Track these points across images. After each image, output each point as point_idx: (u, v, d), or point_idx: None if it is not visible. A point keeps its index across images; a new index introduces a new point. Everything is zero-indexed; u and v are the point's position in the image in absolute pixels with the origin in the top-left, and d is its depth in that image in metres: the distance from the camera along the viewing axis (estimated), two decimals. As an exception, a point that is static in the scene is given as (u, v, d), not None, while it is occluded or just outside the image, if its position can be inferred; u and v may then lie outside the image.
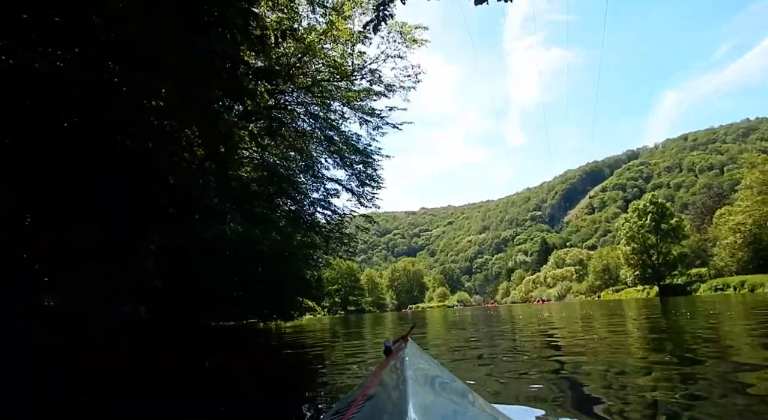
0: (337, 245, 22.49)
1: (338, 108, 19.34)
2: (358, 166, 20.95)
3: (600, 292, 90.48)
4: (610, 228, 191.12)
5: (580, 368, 4.67)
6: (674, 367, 4.42)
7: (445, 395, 1.54)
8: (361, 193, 21.58)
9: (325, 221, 21.38)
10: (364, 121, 19.80)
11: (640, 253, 66.07)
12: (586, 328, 10.77)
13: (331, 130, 19.71)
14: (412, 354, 1.99)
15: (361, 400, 1.41)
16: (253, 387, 4.96)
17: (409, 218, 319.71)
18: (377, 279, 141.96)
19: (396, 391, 1.35)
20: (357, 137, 20.33)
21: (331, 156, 20.80)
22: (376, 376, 1.71)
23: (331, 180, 21.39)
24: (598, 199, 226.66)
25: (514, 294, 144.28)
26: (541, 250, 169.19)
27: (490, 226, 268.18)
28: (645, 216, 64.56)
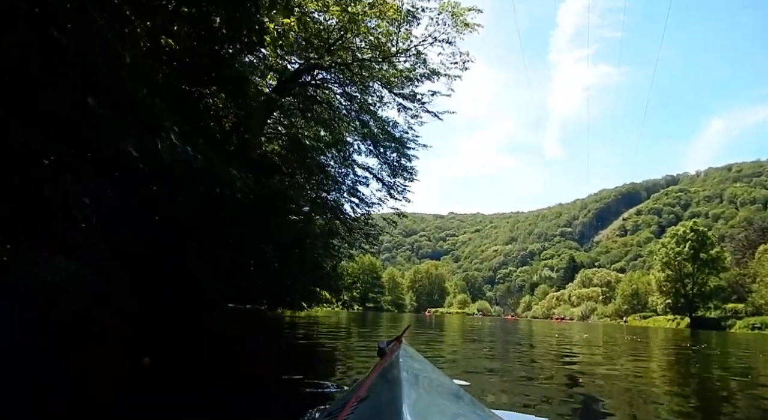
0: (361, 236, 21.56)
1: (377, 89, 18.33)
2: (391, 154, 19.89)
3: (626, 317, 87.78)
4: (642, 252, 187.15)
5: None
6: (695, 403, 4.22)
7: (439, 397, 1.53)
8: (392, 183, 20.53)
9: (351, 209, 20.50)
10: (403, 108, 18.71)
11: (674, 280, 63.66)
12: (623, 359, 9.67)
13: (366, 114, 18.78)
14: (406, 355, 1.98)
15: (354, 401, 1.42)
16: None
17: (436, 221, 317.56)
18: (399, 278, 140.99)
19: (390, 393, 1.34)
20: (393, 124, 19.34)
21: (363, 141, 19.86)
22: (369, 377, 1.73)
23: (362, 167, 20.43)
24: (632, 221, 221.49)
25: (536, 309, 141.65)
26: (568, 268, 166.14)
27: (518, 238, 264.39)
28: (684, 243, 62.13)
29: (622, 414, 3.45)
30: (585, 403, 3.67)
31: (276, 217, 12.64)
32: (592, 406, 3.58)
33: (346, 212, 20.18)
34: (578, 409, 3.42)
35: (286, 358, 6.45)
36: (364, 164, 20.33)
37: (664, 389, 4.71)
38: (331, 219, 19.75)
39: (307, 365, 5.71)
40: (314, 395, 3.97)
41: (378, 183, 20.54)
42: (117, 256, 9.39)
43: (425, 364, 2.19)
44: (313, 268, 17.20)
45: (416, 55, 17.42)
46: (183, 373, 4.99)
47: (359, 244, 22.10)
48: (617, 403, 3.86)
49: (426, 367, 2.12)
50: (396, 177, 20.36)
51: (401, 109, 18.80)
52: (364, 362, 5.93)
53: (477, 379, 4.85)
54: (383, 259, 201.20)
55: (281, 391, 4.28)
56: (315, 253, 17.34)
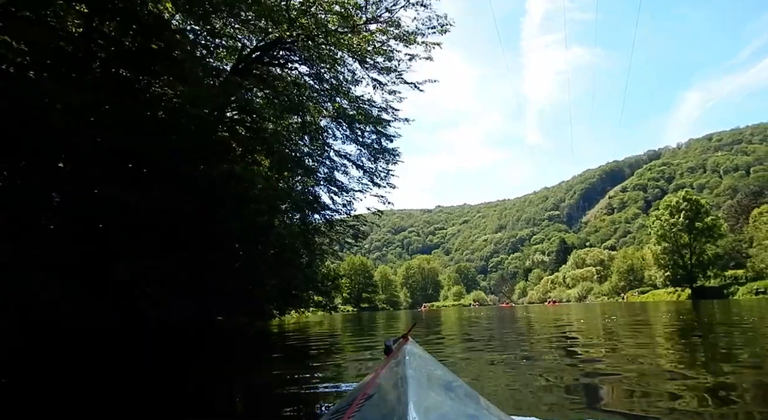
0: (345, 230, 19.66)
1: (348, 63, 16.44)
2: (370, 136, 18.09)
3: (624, 294, 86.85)
4: (631, 229, 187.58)
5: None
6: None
7: (447, 395, 1.50)
8: (373, 169, 18.72)
9: (330, 200, 18.59)
10: (378, 84, 16.90)
11: (671, 252, 62.65)
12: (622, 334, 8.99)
13: (339, 95, 16.94)
14: (413, 353, 1.93)
15: (361, 399, 1.40)
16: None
17: (424, 216, 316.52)
18: (391, 276, 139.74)
19: (396, 391, 1.32)
20: (369, 102, 17.53)
21: (338, 125, 18.04)
22: (376, 375, 1.71)
23: (339, 154, 18.64)
24: (618, 199, 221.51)
25: (532, 294, 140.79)
26: (559, 250, 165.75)
27: (507, 225, 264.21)
28: (678, 213, 61.00)
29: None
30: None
31: (233, 207, 10.73)
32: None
33: (325, 204, 18.22)
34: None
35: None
36: (341, 151, 18.51)
37: (673, 379, 3.98)
38: (307, 212, 17.79)
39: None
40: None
41: (358, 170, 18.71)
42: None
43: (432, 362, 2.10)
44: (286, 267, 15.19)
45: (388, 22, 15.62)
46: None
47: (343, 239, 20.15)
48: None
49: (433, 364, 2.03)
50: (377, 161, 18.55)
51: (376, 85, 16.99)
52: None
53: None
54: (374, 257, 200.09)
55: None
56: (288, 251, 15.38)
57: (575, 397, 3.52)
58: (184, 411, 3.77)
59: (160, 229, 9.48)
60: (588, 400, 3.39)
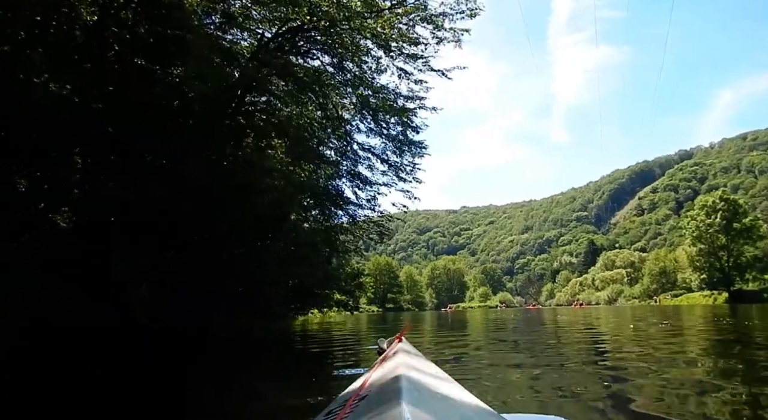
0: (368, 226, 18.89)
1: (372, 50, 15.68)
2: (395, 127, 17.35)
3: (656, 297, 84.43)
4: (662, 230, 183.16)
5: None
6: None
7: (439, 394, 1.53)
8: (399, 163, 17.99)
9: (353, 195, 17.83)
10: (404, 73, 16.14)
11: (707, 254, 60.34)
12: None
13: (362, 85, 16.20)
14: (406, 353, 2.02)
15: (354, 400, 1.43)
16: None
17: (449, 216, 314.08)
18: (416, 276, 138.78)
19: (390, 391, 1.35)
20: (395, 93, 16.75)
21: (362, 117, 17.32)
22: (369, 375, 1.74)
23: (363, 148, 17.91)
24: (648, 200, 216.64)
25: (560, 296, 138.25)
26: (588, 252, 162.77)
27: (533, 226, 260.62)
28: (714, 214, 58.73)
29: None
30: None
31: (238, 198, 10.04)
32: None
33: (348, 198, 17.50)
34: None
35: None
36: (364, 144, 17.78)
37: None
38: (328, 207, 17.10)
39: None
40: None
41: (383, 164, 17.97)
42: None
43: (425, 362, 2.16)
44: (303, 264, 14.41)
45: (415, 6, 14.86)
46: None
47: (367, 236, 19.38)
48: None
49: (426, 364, 2.09)
50: (403, 154, 17.78)
51: (402, 75, 16.19)
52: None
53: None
54: (399, 258, 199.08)
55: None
56: (306, 248, 14.65)
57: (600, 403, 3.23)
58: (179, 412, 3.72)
59: (159, 229, 8.87)
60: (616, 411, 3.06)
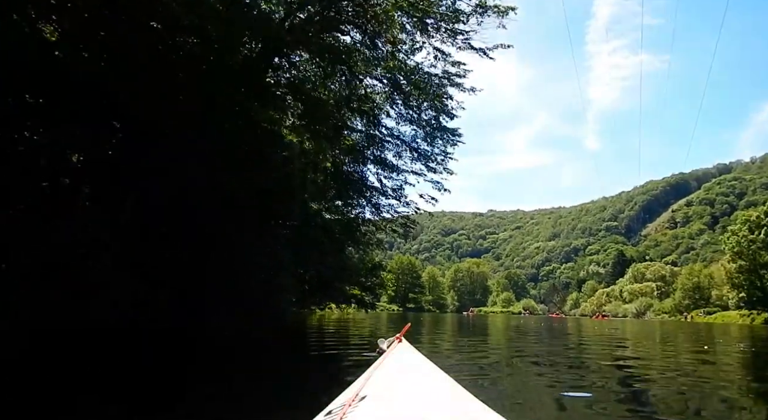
0: (393, 217, 17.41)
1: (407, 29, 14.23)
2: (427, 112, 15.88)
3: (687, 313, 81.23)
4: (694, 245, 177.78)
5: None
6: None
7: (439, 394, 1.55)
8: (429, 152, 16.51)
9: (378, 182, 16.37)
10: (441, 54, 14.66)
11: (747, 271, 57.32)
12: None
13: (393, 66, 14.78)
14: (406, 353, 2.07)
15: (354, 400, 1.43)
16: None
17: (476, 219, 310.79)
18: (439, 278, 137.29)
19: (389, 391, 1.39)
20: (428, 76, 15.25)
21: (392, 102, 15.91)
22: (369, 376, 1.71)
23: (392, 134, 16.48)
24: (682, 213, 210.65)
25: (585, 306, 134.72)
26: (616, 262, 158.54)
27: (561, 234, 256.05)
28: (758, 229, 55.72)
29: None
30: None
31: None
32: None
33: (372, 185, 16.09)
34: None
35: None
36: (393, 130, 16.37)
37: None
38: (351, 194, 15.68)
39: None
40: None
41: (412, 153, 16.52)
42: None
43: (425, 362, 2.16)
44: (320, 252, 12.97)
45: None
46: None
47: (390, 228, 17.89)
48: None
49: (425, 365, 2.10)
50: (434, 143, 16.32)
51: (438, 55, 14.71)
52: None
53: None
54: (422, 258, 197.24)
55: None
56: (324, 236, 13.23)
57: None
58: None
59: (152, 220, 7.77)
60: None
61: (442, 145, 16.28)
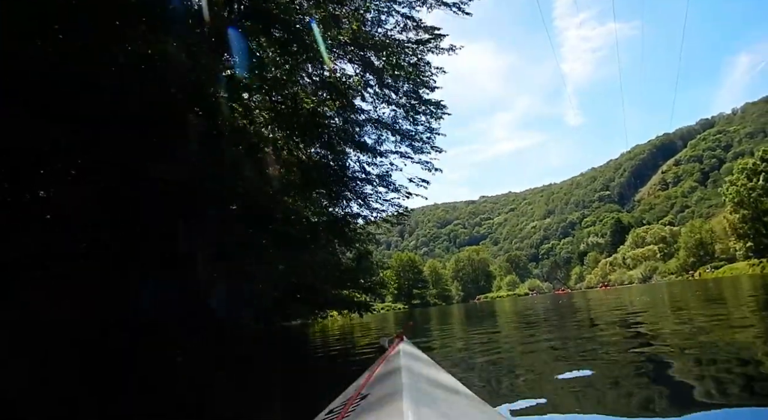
0: (381, 204, 15.94)
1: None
2: (404, 85, 14.51)
3: (693, 271, 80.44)
4: (688, 203, 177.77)
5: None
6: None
7: (441, 393, 1.51)
8: (413, 132, 15.13)
9: (361, 169, 14.97)
10: (410, 22, 13.36)
11: (751, 220, 56.40)
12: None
13: (361, 44, 13.39)
14: (407, 352, 2.00)
15: (355, 398, 1.42)
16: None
17: (469, 207, 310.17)
18: (441, 270, 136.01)
19: (391, 390, 1.35)
20: (400, 49, 13.88)
21: (365, 84, 14.52)
22: (370, 374, 1.71)
23: (370, 119, 15.10)
24: (672, 173, 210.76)
25: (590, 278, 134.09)
26: (614, 231, 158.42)
27: (555, 210, 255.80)
28: (756, 176, 54.77)
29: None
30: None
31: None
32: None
33: (355, 173, 14.68)
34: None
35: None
36: (369, 112, 14.96)
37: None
38: (332, 184, 14.25)
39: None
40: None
41: (394, 135, 15.14)
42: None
43: (426, 361, 2.14)
44: (290, 256, 11.51)
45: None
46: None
47: (381, 219, 16.41)
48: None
49: (427, 363, 2.08)
50: (417, 121, 14.94)
51: (408, 25, 13.40)
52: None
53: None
54: (421, 253, 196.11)
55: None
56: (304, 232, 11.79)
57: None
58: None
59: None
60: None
61: (426, 122, 14.91)
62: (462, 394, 1.61)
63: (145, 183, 7.47)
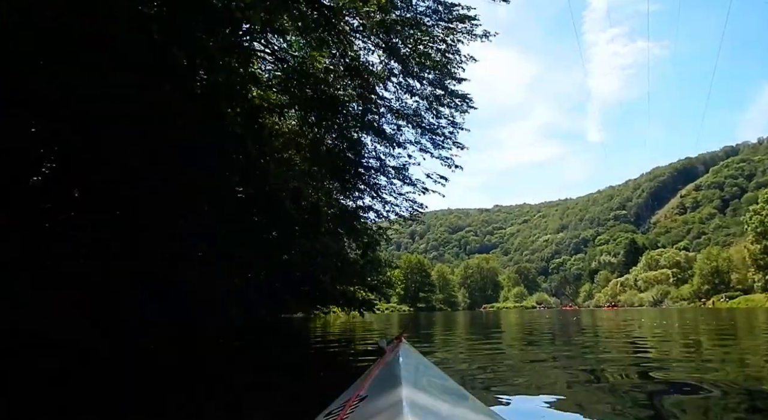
0: (396, 198, 15.07)
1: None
2: (429, 77, 13.64)
3: (705, 299, 78.79)
4: (705, 230, 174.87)
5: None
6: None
7: (439, 395, 1.53)
8: (435, 126, 14.26)
9: (377, 161, 14.11)
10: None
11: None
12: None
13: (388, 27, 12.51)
14: (406, 354, 1.99)
15: (354, 400, 1.43)
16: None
17: (482, 215, 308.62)
18: (449, 275, 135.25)
19: (390, 392, 1.37)
20: (429, 37, 12.99)
21: (390, 72, 13.65)
22: (369, 376, 1.72)
23: (392, 109, 14.22)
24: (691, 198, 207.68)
25: (599, 297, 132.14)
26: (628, 251, 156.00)
27: (569, 226, 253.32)
28: (782, 208, 53.25)
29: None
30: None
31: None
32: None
33: (369, 163, 13.83)
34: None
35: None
36: (391, 101, 14.07)
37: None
38: (346, 172, 13.39)
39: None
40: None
41: (415, 129, 14.27)
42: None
43: (425, 363, 2.15)
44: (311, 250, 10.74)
45: None
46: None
47: (394, 213, 15.53)
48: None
49: (426, 365, 2.09)
50: (440, 114, 14.05)
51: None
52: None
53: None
54: (430, 257, 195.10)
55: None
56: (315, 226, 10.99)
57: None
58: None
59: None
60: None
61: (450, 115, 14.01)
62: (461, 396, 1.61)
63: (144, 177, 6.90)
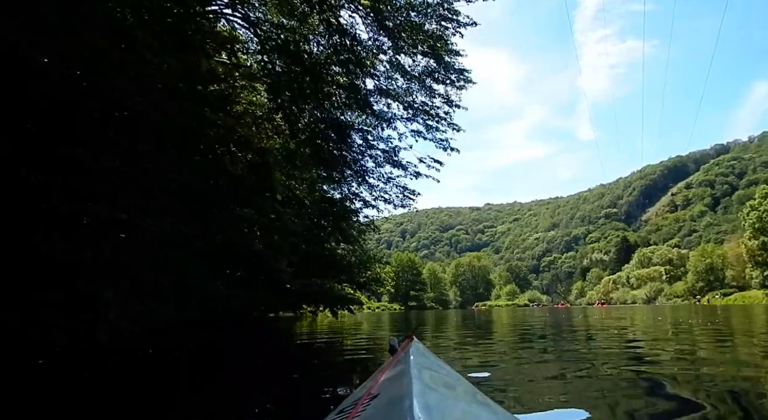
0: (387, 185, 13.67)
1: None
2: (422, 47, 12.24)
3: (699, 296, 78.12)
4: (696, 227, 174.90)
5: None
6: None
7: (451, 394, 1.52)
8: (428, 106, 12.89)
9: (364, 142, 12.70)
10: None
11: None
12: None
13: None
14: (418, 352, 1.99)
15: (365, 399, 1.43)
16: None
17: (473, 214, 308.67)
18: (440, 274, 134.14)
19: (401, 390, 1.34)
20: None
21: (379, 46, 12.25)
22: (380, 374, 1.73)
23: (381, 89, 12.81)
24: (682, 196, 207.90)
25: (591, 294, 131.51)
26: (620, 249, 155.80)
27: (560, 224, 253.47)
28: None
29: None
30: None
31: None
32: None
33: (355, 146, 12.42)
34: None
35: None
36: (381, 82, 12.66)
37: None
38: (327, 151, 11.99)
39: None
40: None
41: (407, 110, 12.85)
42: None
43: (437, 362, 2.13)
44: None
45: None
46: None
47: (384, 200, 14.10)
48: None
49: (437, 364, 2.07)
50: (434, 92, 12.63)
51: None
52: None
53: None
54: (421, 255, 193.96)
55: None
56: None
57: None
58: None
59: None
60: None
61: (445, 93, 12.60)
62: (474, 395, 1.59)
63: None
